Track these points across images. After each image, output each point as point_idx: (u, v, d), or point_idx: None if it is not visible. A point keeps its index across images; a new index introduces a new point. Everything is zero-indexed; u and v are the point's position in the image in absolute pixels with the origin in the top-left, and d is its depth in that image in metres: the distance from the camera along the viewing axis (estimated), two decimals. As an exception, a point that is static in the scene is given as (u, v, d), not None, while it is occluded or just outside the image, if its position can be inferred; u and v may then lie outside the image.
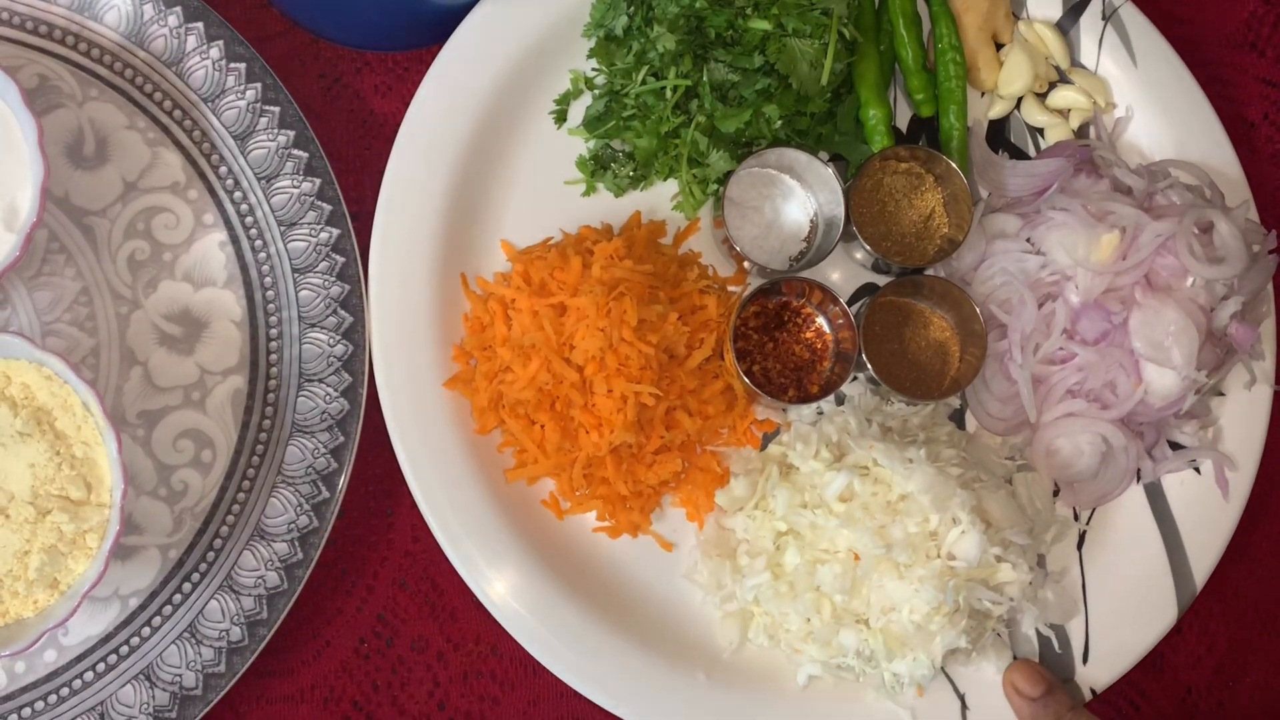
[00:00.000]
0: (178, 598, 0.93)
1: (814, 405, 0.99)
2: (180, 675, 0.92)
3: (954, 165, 1.00)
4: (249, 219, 0.97)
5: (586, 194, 1.02)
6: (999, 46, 1.06)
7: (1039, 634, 0.98)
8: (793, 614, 0.92)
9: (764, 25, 0.95)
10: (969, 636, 0.91)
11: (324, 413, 0.95)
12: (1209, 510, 1.00)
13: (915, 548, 0.89)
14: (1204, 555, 1.00)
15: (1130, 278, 0.96)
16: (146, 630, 0.92)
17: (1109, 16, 1.06)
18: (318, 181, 0.97)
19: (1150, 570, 1.00)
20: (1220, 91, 1.10)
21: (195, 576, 0.94)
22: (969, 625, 0.90)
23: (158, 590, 0.93)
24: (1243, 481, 1.00)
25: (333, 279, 0.96)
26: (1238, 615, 1.05)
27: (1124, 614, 0.99)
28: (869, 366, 0.98)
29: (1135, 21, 1.06)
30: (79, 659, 0.92)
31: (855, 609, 0.91)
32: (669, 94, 0.97)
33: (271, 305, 0.97)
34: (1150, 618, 0.99)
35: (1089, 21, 1.06)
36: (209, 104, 0.98)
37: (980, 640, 0.94)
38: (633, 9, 0.98)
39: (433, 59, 0.99)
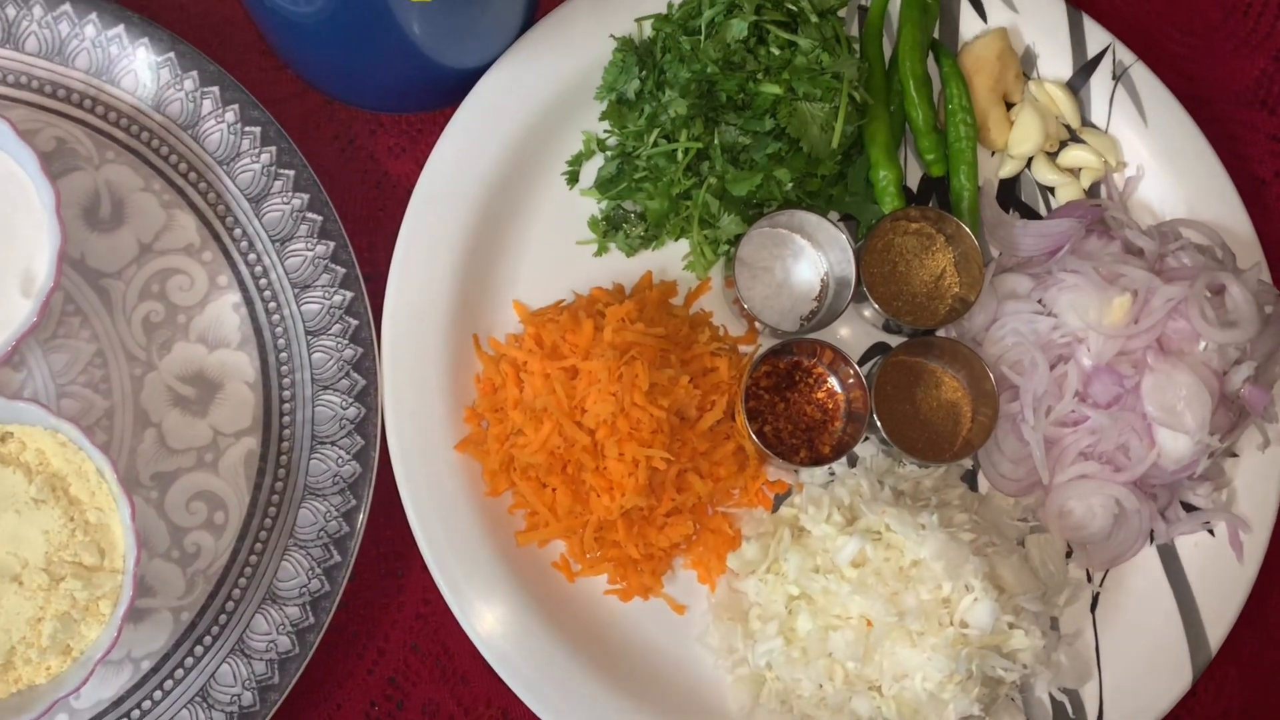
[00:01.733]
0: (190, 661, 0.93)
1: (826, 467, 0.99)
2: (191, 739, 0.92)
3: (964, 226, 1.00)
4: (263, 281, 0.98)
5: (599, 254, 1.03)
6: (1009, 106, 1.07)
7: (1052, 698, 0.97)
8: (805, 680, 0.91)
9: (775, 89, 0.95)
10: (982, 704, 0.90)
11: (336, 475, 0.95)
12: (1223, 572, 1.00)
13: (928, 615, 0.89)
14: (1219, 618, 0.99)
15: (1142, 341, 0.96)
16: (158, 694, 0.93)
17: (1119, 76, 1.06)
18: (331, 245, 0.97)
19: (1164, 633, 0.99)
20: (1231, 149, 1.10)
21: (207, 640, 0.94)
22: (982, 692, 0.90)
23: (170, 653, 0.93)
24: (1257, 544, 1.00)
25: (346, 342, 0.97)
26: (1253, 679, 1.04)
27: (1138, 678, 0.99)
28: (880, 428, 0.98)
29: (1145, 80, 1.06)
30: (91, 723, 0.92)
31: (868, 676, 0.91)
32: (680, 156, 0.98)
33: (285, 367, 0.97)
34: (1165, 681, 0.99)
35: (1099, 81, 1.06)
36: (224, 167, 0.99)
37: (993, 706, 0.93)
38: (644, 73, 0.99)
39: (446, 120, 1.00)
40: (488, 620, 0.95)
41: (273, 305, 0.98)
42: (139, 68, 0.99)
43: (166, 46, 0.98)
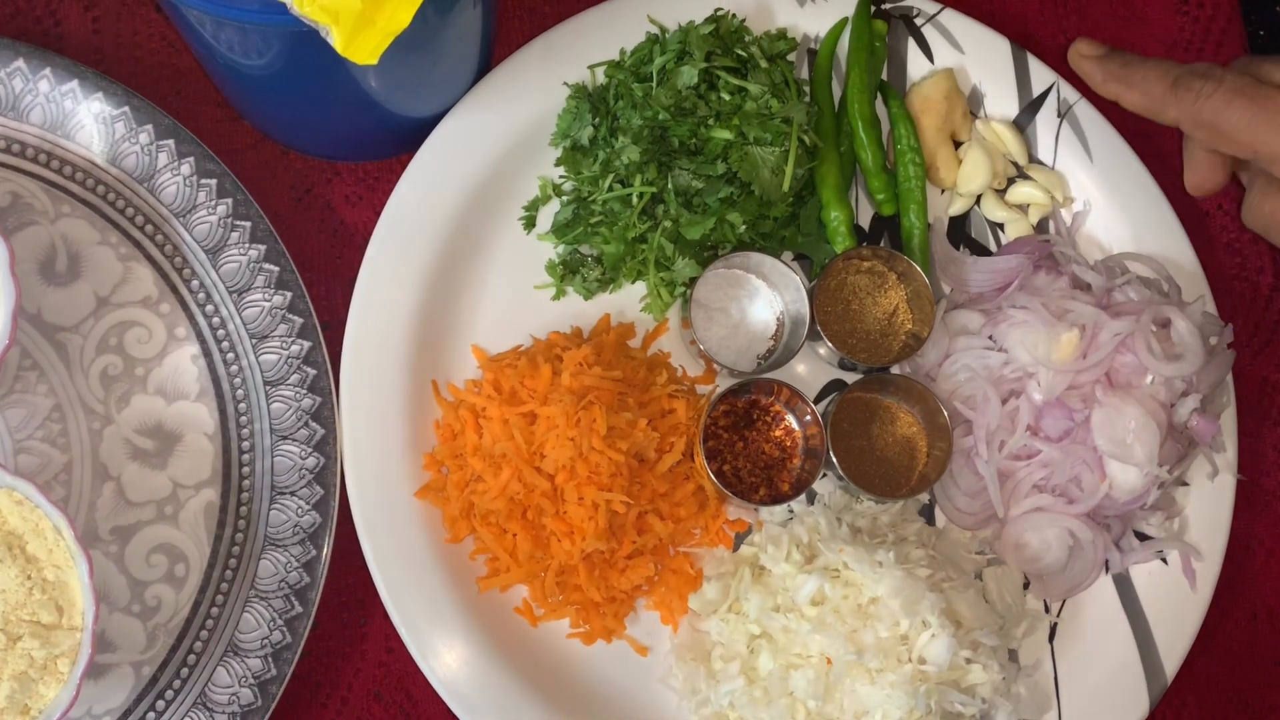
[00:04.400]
0: (151, 716, 0.93)
1: (785, 505, 1.00)
2: (154, 795, 0.91)
3: (914, 264, 1.02)
4: (221, 332, 0.98)
5: (556, 298, 1.04)
6: (958, 145, 1.09)
7: (1013, 730, 0.98)
8: (767, 719, 0.92)
9: (726, 135, 0.97)
10: (942, 738, 0.91)
11: (296, 526, 0.95)
12: (1177, 600, 1.02)
13: (886, 652, 0.90)
14: (1174, 645, 1.01)
15: (1091, 376, 0.98)
16: (119, 750, 0.92)
17: (1064, 113, 1.08)
18: (289, 295, 0.98)
19: (1122, 662, 1.01)
20: (1175, 183, 1.12)
21: (169, 694, 0.93)
22: (942, 727, 0.91)
23: (131, 708, 0.93)
24: (1209, 571, 1.02)
25: (304, 391, 0.97)
26: (1210, 705, 1.06)
27: (1097, 707, 1.00)
28: (837, 464, 0.99)
29: (1090, 117, 1.08)
30: (51, 781, 0.91)
31: (829, 714, 0.92)
32: (635, 201, 0.99)
33: (244, 418, 0.97)
34: (1123, 709, 1.00)
35: (1045, 118, 1.08)
36: (181, 219, 0.99)
37: (954, 740, 0.94)
38: (598, 119, 1.00)
39: (403, 168, 1.01)
40: (451, 666, 0.95)
41: (231, 356, 0.98)
42: (94, 122, 0.99)
43: (121, 100, 0.99)
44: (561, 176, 1.04)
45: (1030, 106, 1.08)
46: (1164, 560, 1.02)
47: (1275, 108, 0.87)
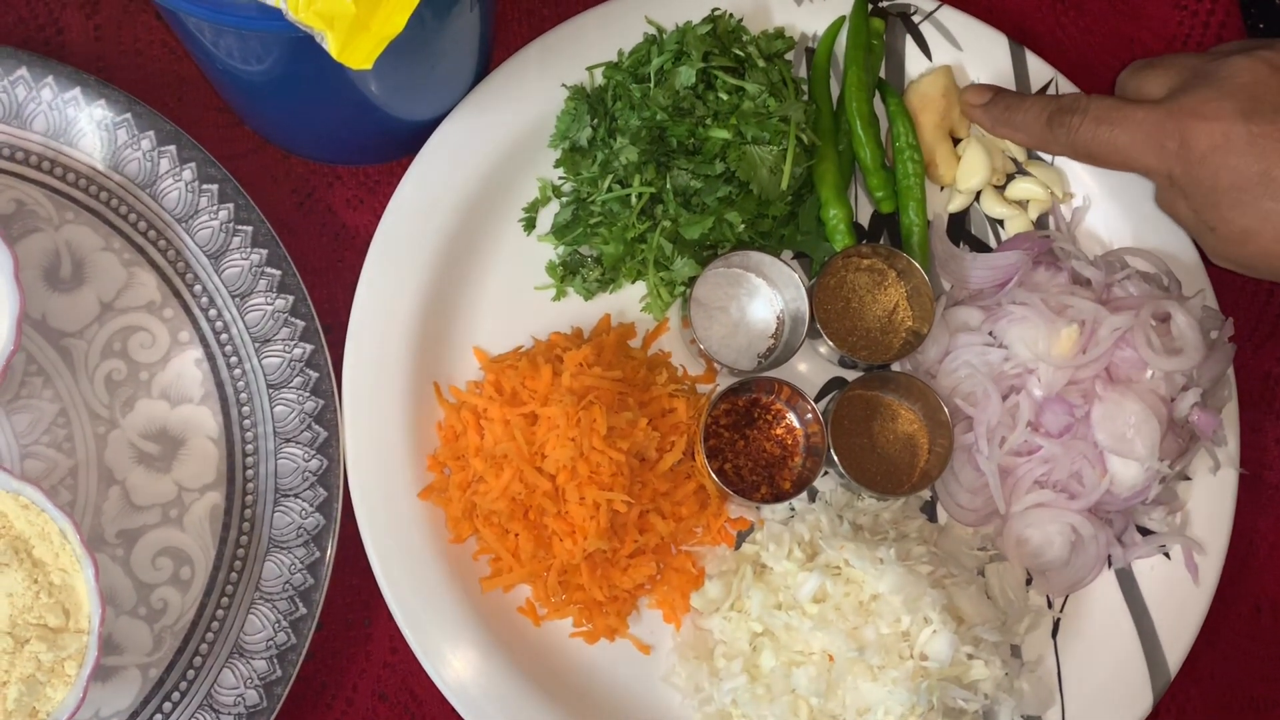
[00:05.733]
0: (158, 718, 0.94)
1: (787, 503, 1.00)
2: (161, 796, 0.92)
3: (914, 261, 1.02)
4: (224, 336, 0.99)
5: (556, 299, 1.04)
6: (956, 141, 1.09)
7: (1016, 725, 0.98)
8: (770, 717, 0.92)
9: (724, 134, 0.97)
10: (945, 734, 0.91)
11: (300, 528, 0.96)
12: (1180, 595, 1.01)
13: (888, 649, 0.90)
14: (1177, 640, 1.01)
15: (1091, 371, 0.98)
16: (127, 752, 0.93)
17: (1063, 109, 1.08)
18: (291, 299, 0.98)
19: (1125, 657, 1.01)
20: (1175, 177, 1.12)
21: (175, 695, 0.94)
22: (944, 723, 0.91)
23: (138, 711, 0.94)
24: (1212, 565, 1.02)
25: (307, 394, 0.98)
26: (1214, 699, 1.06)
27: (1100, 701, 1.00)
28: (838, 462, 0.99)
29: (1089, 112, 1.08)
30: (60, 783, 0.92)
31: (832, 711, 0.92)
32: (634, 201, 0.99)
33: (247, 421, 0.98)
34: (1126, 704, 1.00)
35: (1043, 114, 1.08)
36: (183, 224, 1.00)
37: (957, 735, 0.94)
38: (596, 121, 1.01)
39: (403, 171, 1.02)
40: (455, 667, 0.95)
41: (234, 360, 0.99)
42: (96, 129, 1.00)
43: (123, 107, 0.99)
44: (561, 178, 1.04)
45: (1029, 102, 1.08)
46: (1166, 555, 1.02)
47: (1134, 124, 0.91)
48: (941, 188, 1.09)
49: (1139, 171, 0.95)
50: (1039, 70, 1.08)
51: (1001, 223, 1.09)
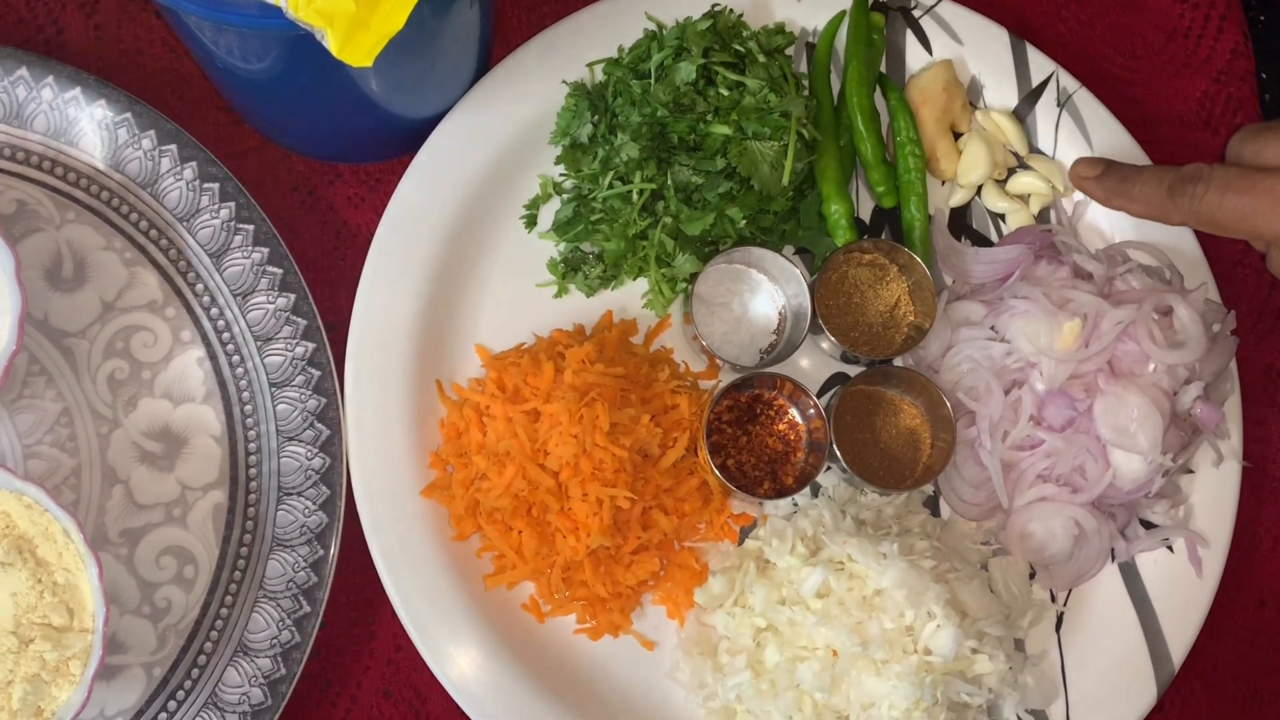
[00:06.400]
0: (163, 716, 0.94)
1: (790, 498, 1.00)
2: (167, 795, 0.92)
3: (915, 256, 1.02)
4: (226, 335, 0.99)
5: (558, 295, 1.04)
6: (957, 136, 1.09)
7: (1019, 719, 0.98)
8: (775, 712, 0.92)
9: (724, 130, 0.97)
10: (949, 728, 0.91)
11: (303, 526, 0.96)
12: (1184, 588, 1.01)
13: (892, 644, 0.90)
14: (1181, 633, 1.01)
15: (1093, 365, 0.98)
16: (132, 751, 0.93)
17: (1064, 102, 1.08)
18: (292, 297, 0.98)
19: (1129, 650, 1.01)
20: (1176, 170, 1.12)
21: (180, 694, 0.94)
22: (949, 718, 0.91)
23: (143, 709, 0.94)
24: (1215, 558, 1.02)
25: (309, 392, 0.98)
26: (1218, 692, 1.06)
27: (1104, 695, 1.00)
28: (840, 457, 0.99)
29: (1089, 106, 1.08)
30: (65, 782, 0.92)
31: (836, 706, 0.92)
32: (635, 198, 0.99)
33: (250, 420, 0.98)
34: (1131, 697, 1.00)
35: (1045, 108, 1.08)
36: (184, 223, 1.00)
37: (961, 730, 0.94)
38: (597, 118, 1.01)
39: (404, 169, 1.02)
40: (459, 664, 0.96)
41: (236, 359, 0.99)
42: (97, 128, 1.00)
43: (124, 106, 0.99)
44: (562, 174, 1.04)
45: (1030, 96, 1.08)
46: (1170, 548, 1.02)
47: (1263, 192, 0.90)
48: (943, 182, 1.09)
49: (1263, 239, 0.94)
50: (1040, 64, 1.08)
51: (1003, 217, 1.08)
